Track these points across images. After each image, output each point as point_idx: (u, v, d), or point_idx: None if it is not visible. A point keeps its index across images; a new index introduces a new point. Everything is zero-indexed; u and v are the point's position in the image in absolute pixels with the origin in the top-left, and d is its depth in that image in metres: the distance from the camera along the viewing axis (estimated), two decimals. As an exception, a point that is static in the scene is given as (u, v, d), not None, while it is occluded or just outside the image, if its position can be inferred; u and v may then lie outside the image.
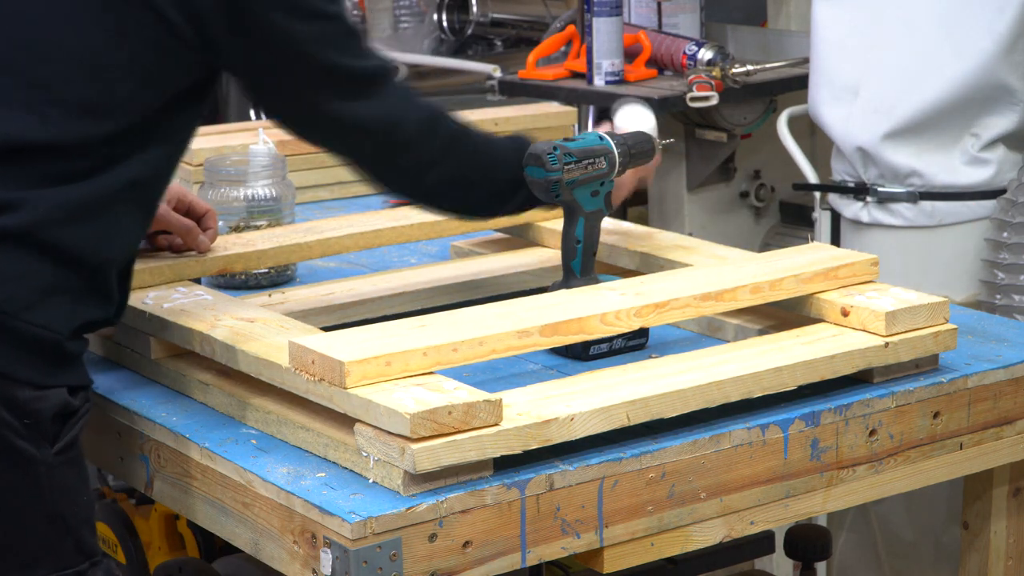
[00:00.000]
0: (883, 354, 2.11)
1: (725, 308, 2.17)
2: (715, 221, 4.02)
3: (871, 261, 2.24)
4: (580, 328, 2.05)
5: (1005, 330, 2.36)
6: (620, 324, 2.08)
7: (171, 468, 2.05)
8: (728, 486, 2.00)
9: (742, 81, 3.68)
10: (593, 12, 3.72)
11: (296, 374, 1.94)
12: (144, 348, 2.22)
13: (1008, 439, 2.22)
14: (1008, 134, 3.18)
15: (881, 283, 2.23)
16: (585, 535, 1.91)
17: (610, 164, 2.25)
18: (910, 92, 3.15)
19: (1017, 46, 3.12)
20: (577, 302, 2.10)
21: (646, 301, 2.10)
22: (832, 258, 2.25)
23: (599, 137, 2.27)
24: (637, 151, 2.31)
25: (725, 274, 2.21)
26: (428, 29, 5.20)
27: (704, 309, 2.15)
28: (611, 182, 2.27)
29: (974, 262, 3.12)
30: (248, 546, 1.95)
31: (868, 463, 2.10)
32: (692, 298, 2.13)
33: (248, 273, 2.58)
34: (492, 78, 4.15)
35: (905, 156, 3.18)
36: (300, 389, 1.95)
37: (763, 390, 2.03)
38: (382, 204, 3.16)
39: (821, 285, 2.20)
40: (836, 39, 3.28)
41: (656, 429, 1.98)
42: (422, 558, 1.80)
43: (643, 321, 2.09)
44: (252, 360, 2.02)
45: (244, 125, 3.72)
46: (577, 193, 2.23)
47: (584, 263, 2.26)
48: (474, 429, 1.83)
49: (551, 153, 2.20)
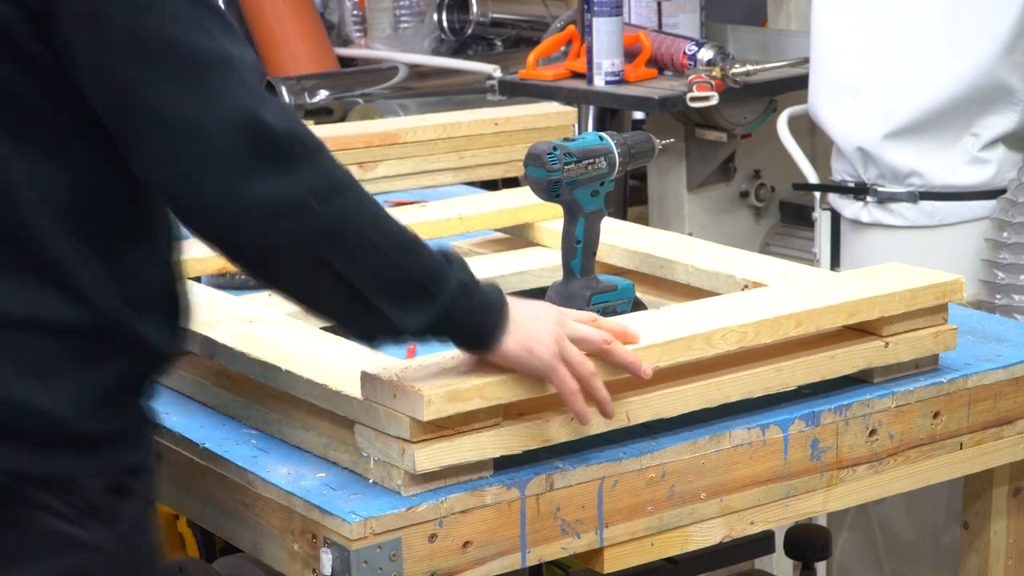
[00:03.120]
0: (883, 354, 2.11)
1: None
2: (715, 221, 4.02)
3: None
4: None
5: (1005, 330, 2.36)
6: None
7: (171, 468, 2.05)
8: (728, 486, 2.00)
9: (742, 81, 3.68)
10: (593, 12, 3.73)
11: (297, 377, 1.94)
12: (144, 348, 2.22)
13: (1008, 439, 2.22)
14: (1008, 134, 3.18)
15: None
16: (585, 535, 1.91)
17: (610, 164, 2.25)
18: (910, 92, 3.15)
19: (1017, 46, 3.12)
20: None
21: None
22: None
23: (599, 137, 2.27)
24: (637, 151, 2.31)
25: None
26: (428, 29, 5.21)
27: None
28: (611, 182, 2.27)
29: (974, 262, 3.12)
30: (248, 546, 1.95)
31: (868, 463, 2.10)
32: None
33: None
34: (492, 78, 4.15)
35: (905, 156, 3.18)
36: (300, 390, 1.95)
37: (763, 390, 2.03)
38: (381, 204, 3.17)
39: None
40: (836, 39, 3.28)
41: (656, 429, 1.98)
42: (422, 558, 1.80)
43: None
44: (252, 360, 2.02)
45: (244, 125, 3.73)
46: (577, 193, 2.23)
47: (584, 263, 2.26)
48: (474, 429, 1.83)
49: (551, 153, 2.19)
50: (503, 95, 4.03)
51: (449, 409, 1.79)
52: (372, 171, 3.25)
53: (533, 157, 2.20)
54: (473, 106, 3.72)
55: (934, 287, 2.13)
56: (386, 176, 3.27)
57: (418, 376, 1.82)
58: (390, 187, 3.27)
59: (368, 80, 4.95)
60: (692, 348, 1.96)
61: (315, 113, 4.74)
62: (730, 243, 2.63)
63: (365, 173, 3.25)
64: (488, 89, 4.16)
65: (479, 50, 5.22)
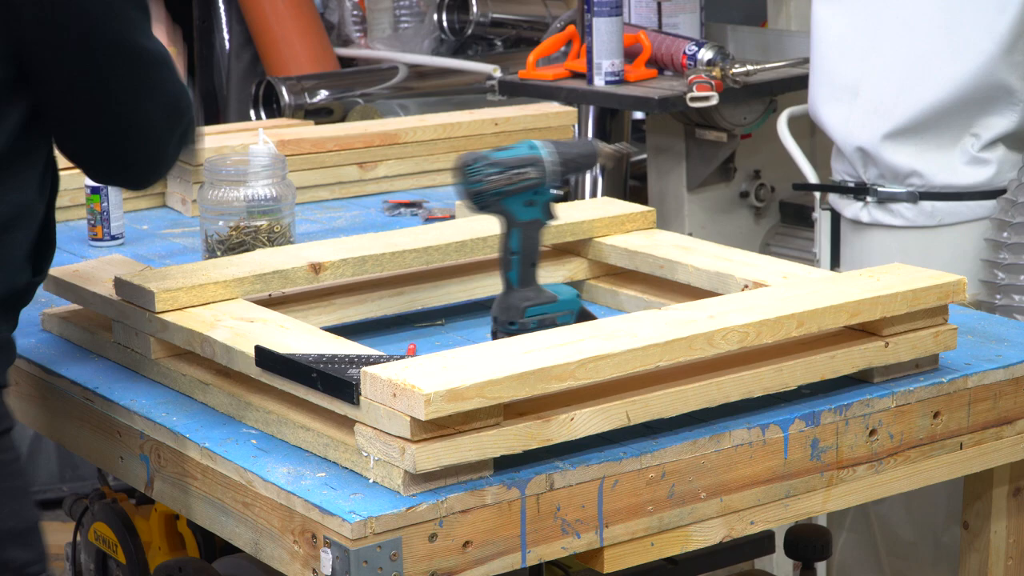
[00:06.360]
0: (883, 354, 2.11)
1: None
2: (715, 221, 4.02)
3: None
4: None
5: (1005, 330, 2.36)
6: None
7: (171, 468, 2.05)
8: (728, 486, 2.00)
9: (742, 81, 3.68)
10: (593, 12, 3.73)
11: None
12: (144, 348, 2.22)
13: (1008, 439, 2.22)
14: (1008, 134, 3.18)
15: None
16: (585, 535, 1.91)
17: (541, 173, 2.20)
18: (910, 92, 3.15)
19: (1017, 46, 3.12)
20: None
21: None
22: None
23: (530, 146, 2.22)
24: (575, 159, 2.24)
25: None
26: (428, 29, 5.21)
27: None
28: (550, 192, 2.22)
29: (974, 262, 3.12)
30: (248, 546, 1.95)
31: (868, 463, 2.10)
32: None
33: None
34: (492, 78, 4.15)
35: (905, 156, 3.18)
36: (300, 390, 1.95)
37: (763, 390, 2.03)
38: (381, 204, 3.17)
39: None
40: (836, 39, 3.28)
41: (656, 429, 1.98)
42: (422, 558, 1.80)
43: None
44: (252, 360, 2.02)
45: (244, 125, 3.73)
46: (508, 203, 2.19)
47: (522, 274, 2.21)
48: (474, 429, 1.83)
49: (472, 164, 2.16)
50: (503, 95, 4.03)
51: (449, 409, 1.79)
52: (372, 171, 3.25)
53: (456, 169, 2.18)
54: (473, 106, 3.72)
55: (936, 287, 2.13)
56: (386, 176, 3.27)
57: (418, 376, 1.82)
58: (390, 187, 3.27)
59: (368, 80, 4.95)
60: (693, 348, 1.96)
61: (315, 113, 4.74)
62: (730, 243, 2.63)
63: (365, 173, 3.25)
64: (488, 89, 4.16)
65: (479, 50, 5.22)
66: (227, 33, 5.36)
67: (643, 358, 1.92)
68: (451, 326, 2.42)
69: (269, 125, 3.69)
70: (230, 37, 5.36)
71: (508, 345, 1.94)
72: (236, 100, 5.31)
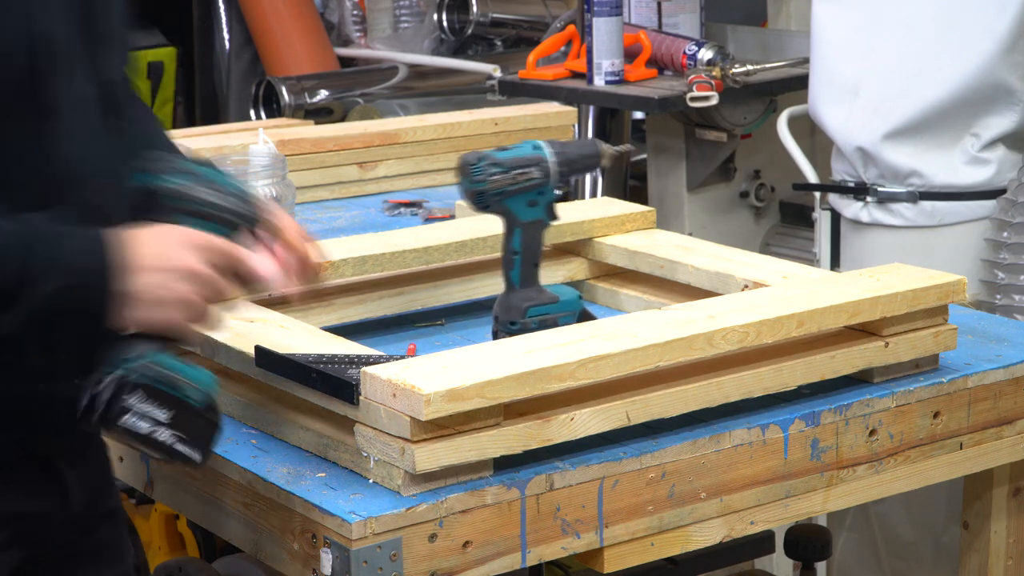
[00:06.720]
0: (883, 354, 2.11)
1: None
2: (715, 221, 4.03)
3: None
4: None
5: (1005, 330, 2.36)
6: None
7: (171, 468, 2.05)
8: (728, 486, 2.00)
9: (742, 81, 3.68)
10: (593, 12, 3.73)
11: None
12: (144, 348, 2.21)
13: (1008, 439, 2.22)
14: (1008, 134, 3.18)
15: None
16: (585, 535, 1.91)
17: (544, 173, 2.20)
18: (910, 92, 3.15)
19: (1017, 46, 3.12)
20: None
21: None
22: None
23: (533, 146, 2.22)
24: (579, 160, 2.23)
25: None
26: (428, 29, 5.21)
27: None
28: (552, 192, 2.22)
29: (974, 262, 3.12)
30: (248, 546, 1.95)
31: (868, 463, 2.10)
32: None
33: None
34: (492, 78, 4.15)
35: (905, 156, 3.18)
36: (300, 391, 1.95)
37: (763, 390, 2.03)
38: (381, 204, 3.17)
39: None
40: (836, 39, 3.28)
41: (656, 429, 1.98)
42: (422, 558, 1.80)
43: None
44: (252, 360, 2.02)
45: (244, 125, 3.73)
46: (511, 203, 2.18)
47: (524, 274, 2.21)
48: (474, 429, 1.83)
49: (475, 164, 2.16)
50: (503, 95, 4.03)
51: (449, 409, 1.79)
52: (372, 171, 3.26)
53: (459, 168, 2.17)
54: (473, 106, 3.72)
55: (937, 287, 2.13)
56: (386, 176, 3.27)
57: (418, 376, 1.82)
58: (390, 187, 3.27)
59: (368, 80, 4.95)
60: (693, 348, 1.96)
61: (315, 113, 4.74)
62: (730, 243, 2.63)
63: (365, 173, 3.25)
64: (488, 89, 4.16)
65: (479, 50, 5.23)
66: (227, 33, 5.36)
67: (643, 358, 1.92)
68: (451, 326, 2.42)
69: (269, 125, 3.70)
70: (230, 37, 5.36)
71: (508, 345, 1.94)
72: (236, 100, 5.31)
